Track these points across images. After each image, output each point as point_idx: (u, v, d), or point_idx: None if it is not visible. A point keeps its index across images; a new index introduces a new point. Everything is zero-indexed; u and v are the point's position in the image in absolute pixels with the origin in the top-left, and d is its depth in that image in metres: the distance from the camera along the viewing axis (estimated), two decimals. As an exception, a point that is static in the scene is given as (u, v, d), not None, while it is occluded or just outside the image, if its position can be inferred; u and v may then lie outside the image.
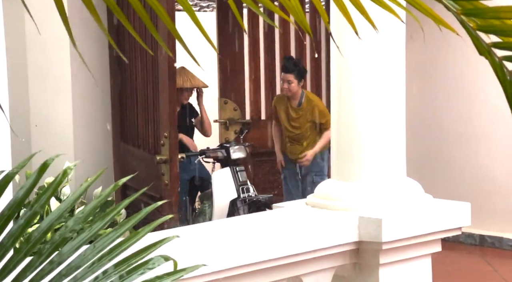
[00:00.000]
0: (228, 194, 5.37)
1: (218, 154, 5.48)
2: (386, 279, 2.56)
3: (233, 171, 5.44)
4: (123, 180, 1.57)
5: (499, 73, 1.16)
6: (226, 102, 5.90)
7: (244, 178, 5.47)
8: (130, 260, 1.45)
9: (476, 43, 1.16)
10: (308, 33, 1.30)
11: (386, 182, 2.63)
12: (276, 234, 2.48)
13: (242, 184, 5.42)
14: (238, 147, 5.48)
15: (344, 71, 2.67)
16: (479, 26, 1.15)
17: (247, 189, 5.40)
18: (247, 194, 5.37)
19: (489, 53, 1.15)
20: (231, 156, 5.46)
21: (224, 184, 5.37)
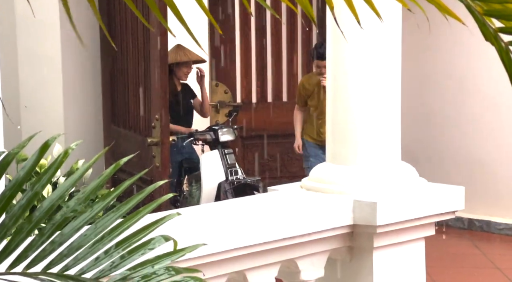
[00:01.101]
0: (217, 176, 5.40)
1: (206, 136, 5.50)
2: (380, 262, 2.57)
3: (222, 153, 5.47)
4: (125, 160, 1.57)
5: (504, 59, 1.17)
6: (217, 85, 5.90)
7: (232, 160, 5.50)
8: (131, 239, 1.45)
9: (482, 28, 1.16)
10: (311, 19, 1.30)
11: (381, 165, 2.64)
12: (271, 217, 2.48)
13: (230, 167, 5.45)
14: (226, 130, 5.51)
15: (339, 55, 2.67)
16: (486, 11, 1.15)
17: (235, 172, 5.43)
18: (235, 177, 5.40)
19: (495, 38, 1.16)
20: (220, 138, 5.48)
21: (213, 166, 5.40)
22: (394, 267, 2.62)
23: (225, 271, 2.36)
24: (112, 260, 1.43)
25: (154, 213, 2.02)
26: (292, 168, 5.96)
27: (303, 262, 2.54)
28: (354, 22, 1.55)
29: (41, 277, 1.35)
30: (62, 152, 1.47)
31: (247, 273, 2.42)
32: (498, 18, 1.13)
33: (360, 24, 1.31)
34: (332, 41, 2.67)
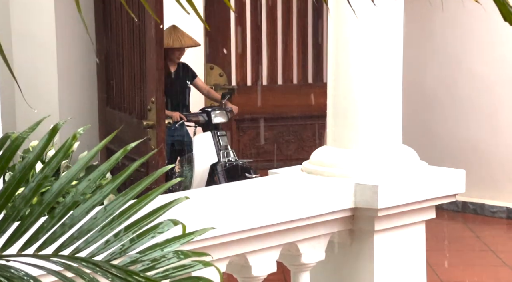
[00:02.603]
0: (209, 158, 5.44)
1: (199, 118, 5.54)
2: (380, 245, 2.58)
3: (214, 135, 5.49)
4: (132, 145, 1.56)
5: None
6: (212, 68, 5.87)
7: (225, 142, 5.53)
8: (141, 222, 1.45)
9: (502, 9, 1.15)
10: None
11: (382, 149, 2.64)
12: (272, 200, 2.49)
13: (222, 149, 5.49)
14: (219, 112, 5.54)
15: (341, 38, 2.66)
16: (505, -8, 1.14)
17: (227, 154, 5.47)
18: (227, 159, 5.44)
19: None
20: (212, 120, 5.52)
21: (205, 148, 5.44)
22: (394, 250, 2.63)
23: (227, 254, 2.37)
24: (122, 243, 1.43)
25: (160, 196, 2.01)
26: (287, 150, 5.97)
27: (304, 245, 2.54)
28: (358, 1, 1.55)
29: (53, 259, 1.35)
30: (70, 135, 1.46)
31: (248, 256, 2.43)
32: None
33: (373, 1, 1.30)
34: (333, 23, 2.66)
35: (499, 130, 6.58)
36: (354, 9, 1.46)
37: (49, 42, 5.35)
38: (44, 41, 5.38)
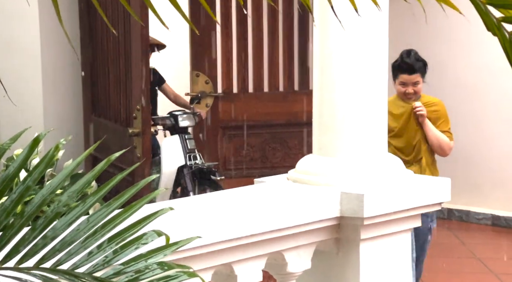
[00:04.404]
0: (176, 161, 5.54)
1: (166, 121, 5.63)
2: (366, 254, 2.58)
3: (182, 139, 5.62)
4: (116, 155, 1.55)
5: (508, 48, 1.16)
6: (198, 75, 5.86)
7: (192, 145, 5.66)
8: (124, 233, 1.43)
9: (485, 18, 1.15)
10: (307, 7, 1.28)
11: (368, 157, 2.64)
12: (258, 209, 2.47)
13: (190, 152, 5.61)
14: (186, 115, 5.70)
15: (326, 46, 2.66)
16: (489, 0, 1.14)
17: (194, 157, 5.59)
18: (194, 162, 5.55)
19: (498, 28, 1.15)
20: (179, 123, 5.66)
21: (173, 151, 5.53)
22: (380, 259, 2.63)
23: (212, 263, 2.35)
24: (105, 255, 1.41)
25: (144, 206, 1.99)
26: (273, 158, 5.96)
27: (290, 254, 2.53)
28: (342, 12, 1.54)
29: (34, 272, 1.33)
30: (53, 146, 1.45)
31: (234, 266, 2.41)
32: (501, 7, 1.13)
33: (357, 12, 1.30)
34: (319, 32, 2.66)
35: (484, 137, 6.61)
36: (340, 19, 1.46)
37: (33, 50, 5.32)
38: (28, 49, 5.35)
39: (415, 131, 4.23)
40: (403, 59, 4.23)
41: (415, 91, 4.22)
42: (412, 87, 4.21)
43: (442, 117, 4.30)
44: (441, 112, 4.32)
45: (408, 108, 4.22)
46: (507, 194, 6.69)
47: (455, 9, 1.24)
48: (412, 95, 4.22)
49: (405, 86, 4.22)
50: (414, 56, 4.23)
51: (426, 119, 4.20)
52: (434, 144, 4.24)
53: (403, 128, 4.23)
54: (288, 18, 6.03)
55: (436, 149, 4.27)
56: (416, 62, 4.21)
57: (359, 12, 1.24)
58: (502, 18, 1.11)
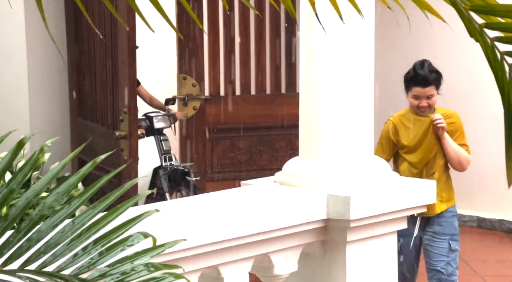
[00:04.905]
0: (152, 162, 5.61)
1: (141, 123, 5.67)
2: (353, 256, 2.58)
3: (157, 140, 5.70)
4: (102, 157, 1.55)
5: (490, 55, 1.17)
6: (185, 78, 5.86)
7: (167, 147, 5.74)
8: (110, 235, 1.43)
9: (468, 24, 1.16)
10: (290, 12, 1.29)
11: (354, 160, 2.65)
12: (244, 211, 2.48)
13: (165, 153, 5.68)
14: (161, 117, 5.76)
15: (312, 50, 2.67)
16: (472, 6, 1.15)
17: (169, 158, 5.65)
18: (169, 163, 5.61)
19: (480, 34, 1.16)
20: (154, 125, 5.75)
21: (148, 152, 5.57)
22: (367, 261, 2.63)
23: (199, 266, 2.35)
24: (90, 257, 1.41)
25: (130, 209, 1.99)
26: (261, 161, 5.96)
27: (276, 257, 2.53)
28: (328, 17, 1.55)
29: (19, 274, 1.33)
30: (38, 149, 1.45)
31: (221, 268, 2.41)
32: (484, 13, 1.14)
33: (342, 20, 1.30)
34: (305, 36, 2.66)
35: (469, 141, 6.64)
36: (326, 24, 1.46)
37: (19, 52, 5.30)
38: (14, 51, 5.33)
39: (433, 146, 3.99)
40: (416, 71, 3.95)
41: (429, 105, 3.96)
42: (426, 100, 3.94)
43: (459, 130, 4.05)
44: (458, 124, 4.06)
45: (425, 121, 3.97)
46: (493, 196, 6.73)
47: (439, 17, 1.24)
48: (426, 109, 3.96)
49: (418, 99, 3.96)
50: (428, 67, 3.95)
51: (445, 133, 3.95)
52: (453, 159, 3.98)
53: (419, 143, 3.98)
54: (275, 22, 6.04)
55: (454, 165, 4.01)
56: (430, 73, 3.93)
57: (344, 19, 1.24)
58: (485, 24, 1.12)
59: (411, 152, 4.00)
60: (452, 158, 3.98)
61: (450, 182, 4.11)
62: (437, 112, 4.00)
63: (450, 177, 4.09)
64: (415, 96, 3.97)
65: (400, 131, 4.03)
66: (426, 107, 3.96)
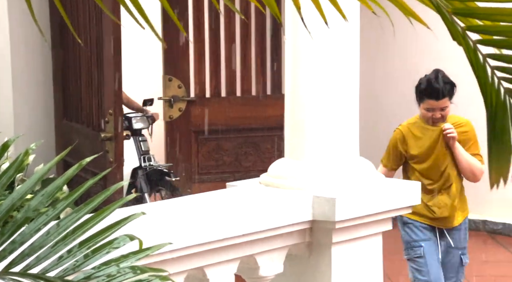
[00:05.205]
0: (131, 162, 5.64)
1: None
2: (338, 257, 2.59)
3: (136, 141, 5.75)
4: (87, 160, 1.55)
5: (472, 58, 1.18)
6: (171, 79, 5.85)
7: (146, 147, 5.79)
8: (96, 238, 1.43)
9: (451, 27, 1.17)
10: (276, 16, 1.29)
11: (340, 161, 2.66)
12: (230, 213, 2.48)
13: (144, 153, 5.74)
14: (140, 118, 5.78)
15: (298, 52, 2.67)
16: (454, 9, 1.16)
17: (148, 158, 5.72)
18: (148, 163, 5.67)
19: (463, 37, 1.17)
20: (133, 125, 5.82)
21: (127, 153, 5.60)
22: (352, 262, 2.64)
23: (184, 267, 2.35)
24: (75, 259, 1.41)
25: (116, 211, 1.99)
26: (246, 162, 5.96)
27: (262, 258, 2.54)
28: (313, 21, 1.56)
29: (3, 276, 1.32)
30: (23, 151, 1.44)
31: (206, 269, 2.42)
32: (467, 17, 1.15)
33: (327, 24, 1.31)
34: (291, 38, 2.67)
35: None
36: (311, 27, 1.47)
37: (2, 54, 5.27)
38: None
39: (444, 156, 3.85)
40: (430, 84, 3.76)
41: (443, 116, 3.81)
42: (440, 112, 3.79)
43: (472, 139, 3.88)
44: (471, 133, 3.89)
45: (435, 131, 3.83)
46: (475, 197, 6.76)
47: (423, 23, 1.25)
48: (439, 120, 3.82)
49: (431, 111, 3.81)
50: (442, 79, 3.78)
51: (456, 143, 3.80)
52: (465, 169, 3.85)
53: (429, 153, 3.85)
54: (261, 23, 6.05)
55: (467, 175, 3.88)
56: (445, 85, 3.76)
57: (329, 23, 1.25)
58: (467, 27, 1.13)
59: (421, 162, 3.88)
60: (464, 168, 3.86)
61: (464, 192, 4.00)
62: (449, 121, 3.86)
63: (463, 187, 3.99)
64: (428, 109, 3.82)
65: (409, 141, 3.91)
66: (440, 119, 3.83)
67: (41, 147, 4.75)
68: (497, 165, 1.20)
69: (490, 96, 1.17)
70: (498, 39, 1.16)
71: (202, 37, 5.91)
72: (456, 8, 1.15)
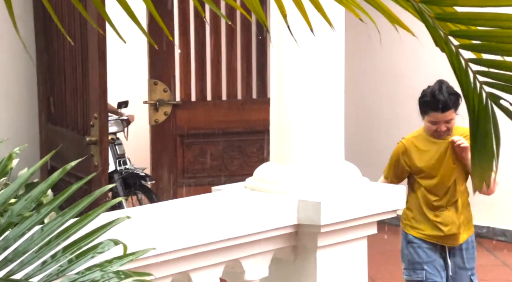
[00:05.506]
0: None
1: None
2: (323, 261, 2.60)
3: (111, 144, 5.71)
4: (72, 164, 1.54)
5: (454, 62, 1.19)
6: (156, 83, 5.85)
7: (122, 150, 5.79)
8: (80, 243, 1.43)
9: (433, 33, 1.18)
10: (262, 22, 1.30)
11: (325, 165, 2.67)
12: (215, 217, 2.48)
13: (119, 157, 5.73)
14: (114, 121, 5.78)
15: (284, 56, 2.68)
16: (437, 14, 1.17)
17: (124, 162, 5.72)
18: (124, 167, 5.68)
19: (445, 43, 1.18)
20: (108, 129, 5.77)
21: None
22: (337, 266, 2.65)
23: (169, 272, 2.35)
24: (59, 264, 1.40)
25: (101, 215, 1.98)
26: (232, 166, 5.97)
27: (247, 262, 2.54)
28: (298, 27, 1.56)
29: (-14, 283, 1.32)
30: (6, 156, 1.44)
31: (192, 274, 2.41)
32: (449, 21, 1.15)
33: (313, 32, 1.32)
34: (276, 43, 2.68)
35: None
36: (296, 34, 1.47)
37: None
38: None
39: (451, 170, 3.64)
40: (434, 96, 3.54)
41: (448, 128, 3.59)
42: (445, 124, 3.57)
43: None
44: None
45: (441, 145, 3.63)
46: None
47: (408, 31, 1.26)
48: (444, 133, 3.60)
49: (436, 124, 3.60)
50: (447, 90, 3.55)
51: (469, 154, 3.43)
52: None
53: (437, 167, 3.63)
54: (246, 28, 6.06)
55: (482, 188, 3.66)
56: (449, 96, 3.53)
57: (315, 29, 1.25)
58: (449, 32, 1.14)
59: (427, 178, 3.67)
60: None
61: (470, 209, 3.78)
62: (455, 133, 3.64)
63: (469, 202, 3.77)
64: (433, 122, 3.61)
65: (413, 155, 3.70)
66: (445, 132, 3.61)
67: (25, 151, 4.73)
68: (479, 170, 1.21)
69: (473, 101, 1.18)
70: (479, 44, 1.16)
71: (188, 41, 5.91)
72: (439, 13, 1.16)
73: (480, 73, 1.17)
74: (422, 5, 1.16)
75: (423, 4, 1.16)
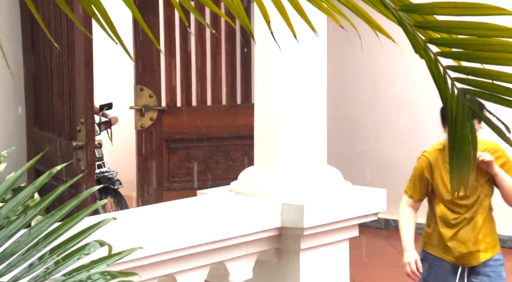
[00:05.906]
0: None
1: None
2: (306, 263, 2.63)
3: None
4: (58, 168, 1.56)
5: (433, 69, 1.22)
6: (142, 89, 5.86)
7: (100, 154, 5.89)
8: (66, 244, 1.45)
9: (412, 40, 1.21)
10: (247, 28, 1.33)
11: (308, 169, 2.70)
12: (200, 220, 2.51)
13: (97, 160, 5.80)
14: None
15: (267, 62, 2.72)
16: (417, 22, 1.20)
17: (99, 166, 5.83)
18: (99, 170, 5.79)
19: (424, 50, 1.21)
20: None
21: None
22: (320, 268, 2.68)
23: (155, 274, 2.37)
24: (46, 266, 1.42)
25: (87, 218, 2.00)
26: (217, 170, 5.99)
27: (232, 265, 2.57)
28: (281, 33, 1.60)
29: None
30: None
31: (177, 276, 2.44)
32: (429, 29, 1.18)
33: (296, 38, 1.35)
34: (259, 51, 2.71)
35: (419, 149, 6.77)
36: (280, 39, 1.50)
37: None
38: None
39: (475, 188, 3.50)
40: None
41: None
42: None
43: (508, 163, 3.51)
44: (505, 156, 3.51)
45: None
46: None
47: (388, 37, 1.29)
48: None
49: None
50: None
51: (496, 167, 3.43)
52: (508, 194, 3.48)
53: None
54: (231, 34, 6.09)
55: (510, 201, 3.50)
56: None
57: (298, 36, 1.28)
58: (428, 39, 1.16)
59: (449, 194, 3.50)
60: (508, 194, 3.49)
61: (494, 226, 3.61)
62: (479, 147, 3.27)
63: (493, 219, 3.61)
64: None
65: (440, 169, 3.54)
66: None
67: (12, 155, 4.72)
68: (458, 174, 1.24)
69: (451, 107, 1.21)
70: (457, 52, 1.20)
71: (173, 48, 5.93)
72: (418, 21, 1.19)
73: (459, 80, 1.21)
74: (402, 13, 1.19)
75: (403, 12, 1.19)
